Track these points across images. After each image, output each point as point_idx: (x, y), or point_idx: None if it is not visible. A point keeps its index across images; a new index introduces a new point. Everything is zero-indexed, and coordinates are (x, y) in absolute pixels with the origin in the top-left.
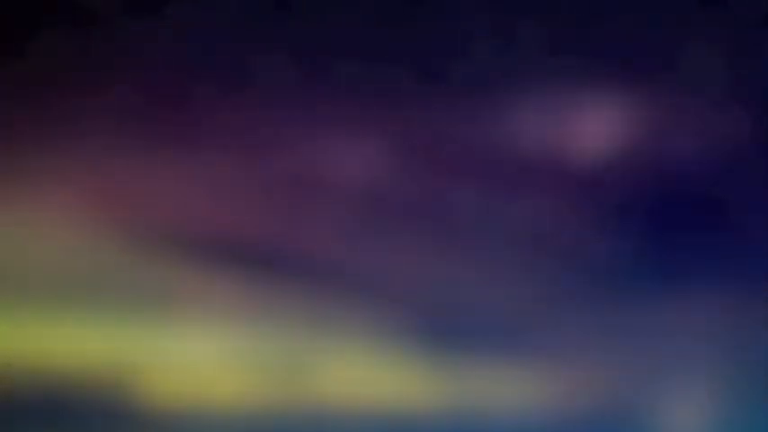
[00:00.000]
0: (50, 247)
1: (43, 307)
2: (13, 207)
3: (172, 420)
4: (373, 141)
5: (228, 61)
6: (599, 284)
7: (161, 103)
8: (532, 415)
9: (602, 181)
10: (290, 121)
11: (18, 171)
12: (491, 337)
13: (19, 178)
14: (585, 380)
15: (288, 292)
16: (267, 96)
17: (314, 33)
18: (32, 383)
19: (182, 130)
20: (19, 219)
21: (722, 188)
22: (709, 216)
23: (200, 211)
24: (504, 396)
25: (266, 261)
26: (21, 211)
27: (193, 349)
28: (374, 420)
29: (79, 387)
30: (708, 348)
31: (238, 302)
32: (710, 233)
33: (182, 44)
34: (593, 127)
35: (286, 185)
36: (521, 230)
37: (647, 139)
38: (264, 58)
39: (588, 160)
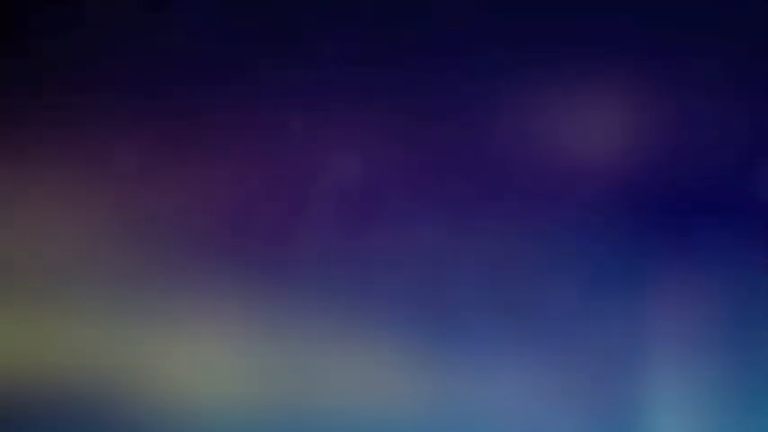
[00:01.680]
0: (50, 248)
1: (42, 307)
2: (11, 207)
3: (171, 421)
4: (374, 140)
5: (228, 61)
6: (601, 284)
7: (160, 104)
8: (532, 413)
9: (602, 179)
10: (291, 121)
11: (17, 171)
12: (492, 337)
13: (18, 178)
14: (588, 379)
15: (287, 291)
16: (267, 96)
17: (314, 33)
18: (31, 384)
19: (182, 129)
20: (18, 219)
21: (725, 187)
22: (713, 215)
23: (201, 211)
24: (503, 395)
25: (266, 261)
26: (20, 210)
27: (193, 350)
28: (373, 420)
29: (77, 388)
30: (710, 347)
31: (237, 303)
32: (713, 232)
33: (182, 44)
34: (593, 125)
35: (287, 185)
36: (522, 230)
37: (648, 139)
38: (264, 58)
39: (590, 157)
